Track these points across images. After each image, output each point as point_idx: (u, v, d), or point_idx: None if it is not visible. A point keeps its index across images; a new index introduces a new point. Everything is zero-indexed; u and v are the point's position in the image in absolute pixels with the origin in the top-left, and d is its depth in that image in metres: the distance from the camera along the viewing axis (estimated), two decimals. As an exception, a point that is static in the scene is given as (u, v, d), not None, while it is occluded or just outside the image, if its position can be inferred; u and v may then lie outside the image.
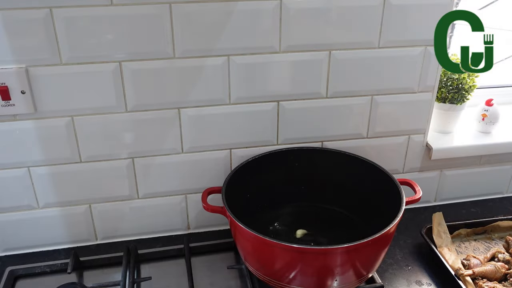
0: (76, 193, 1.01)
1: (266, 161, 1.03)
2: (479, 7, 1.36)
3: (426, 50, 1.02)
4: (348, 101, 1.05)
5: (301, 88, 1.01)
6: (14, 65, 0.86)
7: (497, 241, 1.08)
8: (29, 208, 1.01)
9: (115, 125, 0.96)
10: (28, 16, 0.83)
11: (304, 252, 0.81)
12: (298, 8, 0.92)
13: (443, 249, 1.00)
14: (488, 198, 1.26)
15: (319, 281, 0.84)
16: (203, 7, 0.89)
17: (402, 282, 0.97)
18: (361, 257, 0.83)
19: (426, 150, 1.16)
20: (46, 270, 0.99)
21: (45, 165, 0.96)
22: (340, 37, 0.97)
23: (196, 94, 0.96)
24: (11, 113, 0.90)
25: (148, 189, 1.05)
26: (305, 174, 1.07)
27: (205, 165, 1.05)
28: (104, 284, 0.94)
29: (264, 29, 0.93)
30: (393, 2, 0.96)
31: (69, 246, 1.07)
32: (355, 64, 1.01)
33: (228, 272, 0.98)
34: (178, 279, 0.96)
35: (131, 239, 1.09)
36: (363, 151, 1.08)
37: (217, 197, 0.94)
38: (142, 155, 1.00)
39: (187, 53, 0.92)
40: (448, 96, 1.13)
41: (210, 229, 1.13)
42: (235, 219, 0.84)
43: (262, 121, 1.03)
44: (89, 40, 0.87)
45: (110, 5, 0.85)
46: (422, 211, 1.20)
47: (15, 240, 1.04)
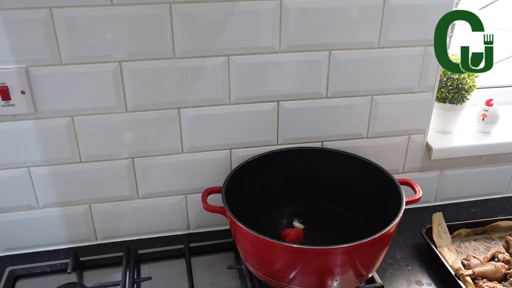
0: (76, 193, 1.01)
1: (266, 161, 1.03)
2: (479, 7, 1.36)
3: (426, 50, 1.02)
4: (348, 101, 1.05)
5: (301, 88, 1.01)
6: (14, 65, 0.86)
7: (497, 241, 1.08)
8: (29, 208, 1.01)
9: (115, 125, 0.96)
10: (28, 16, 0.83)
11: (304, 252, 0.81)
12: (298, 8, 0.92)
13: (443, 249, 1.00)
14: (488, 198, 1.26)
15: (319, 281, 0.84)
16: (203, 7, 0.89)
17: (402, 282, 0.97)
18: (361, 257, 0.83)
19: (426, 150, 1.16)
20: (46, 270, 0.99)
21: (45, 165, 0.97)
22: (340, 37, 0.97)
23: (196, 94, 0.96)
24: (11, 113, 0.90)
25: (148, 189, 1.05)
26: (305, 174, 1.07)
27: (205, 165, 1.05)
28: (104, 284, 0.94)
29: (264, 29, 0.93)
30: (393, 2, 0.96)
31: (69, 246, 1.07)
32: (355, 64, 1.01)
33: (228, 272, 0.98)
34: (178, 279, 0.96)
35: (131, 239, 1.09)
36: (363, 151, 1.08)
37: (217, 197, 0.94)
38: (142, 155, 1.00)
39: (187, 53, 0.92)
40: (448, 96, 1.13)
41: (210, 229, 1.13)
42: (235, 219, 0.84)
43: (262, 121, 1.03)
44: (89, 40, 0.87)
45: (110, 5, 0.85)
46: (422, 211, 1.20)
47: (15, 240, 1.04)
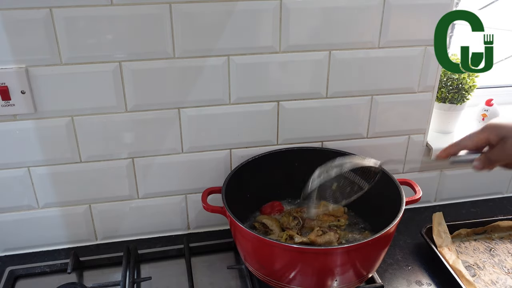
0: (76, 193, 1.01)
1: (266, 161, 1.03)
2: (479, 7, 1.36)
3: (426, 50, 1.02)
4: (348, 101, 1.05)
5: (301, 88, 1.01)
6: (14, 65, 0.86)
7: (497, 241, 1.08)
8: (29, 208, 1.01)
9: (115, 125, 0.96)
10: (28, 16, 0.83)
11: (304, 252, 0.81)
12: (298, 8, 0.92)
13: (443, 249, 1.00)
14: (488, 198, 1.26)
15: (319, 281, 0.84)
16: (203, 7, 0.89)
17: (402, 282, 0.97)
18: (361, 257, 0.83)
19: (426, 150, 1.16)
20: (46, 270, 0.99)
21: (45, 165, 0.97)
22: (340, 37, 0.97)
23: (196, 94, 0.96)
24: (11, 113, 0.90)
25: (148, 189, 1.05)
26: (305, 174, 1.07)
27: (205, 165, 1.05)
28: (104, 284, 0.94)
29: (264, 29, 0.93)
30: (393, 2, 0.96)
31: (69, 246, 1.07)
32: (355, 64, 1.01)
33: (228, 272, 0.98)
34: (178, 279, 0.96)
35: (131, 239, 1.09)
36: (363, 151, 1.08)
37: (217, 197, 0.94)
38: (142, 155, 1.00)
39: (187, 53, 0.92)
40: (448, 96, 1.13)
41: (210, 229, 1.13)
42: (235, 219, 0.84)
43: (262, 121, 1.03)
44: (89, 40, 0.87)
45: (110, 5, 0.85)
46: (422, 211, 1.20)
47: (15, 240, 1.04)
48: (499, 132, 0.74)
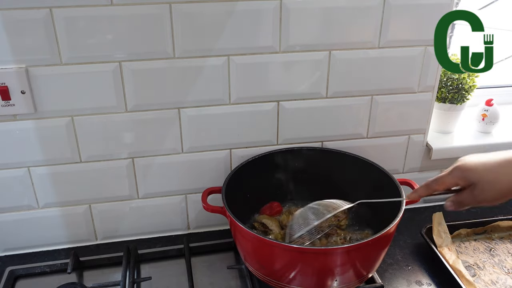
0: (76, 193, 1.01)
1: (266, 161, 1.03)
2: (479, 7, 1.36)
3: (426, 50, 1.02)
4: (348, 101, 1.05)
5: (301, 88, 1.01)
6: (14, 65, 0.86)
7: (497, 241, 1.08)
8: (29, 208, 1.01)
9: (115, 125, 0.96)
10: (28, 16, 0.83)
11: (304, 252, 0.81)
12: (298, 8, 0.92)
13: (443, 249, 1.00)
14: (488, 198, 1.26)
15: (319, 281, 0.84)
16: (203, 7, 0.89)
17: (402, 282, 0.97)
18: (361, 257, 0.83)
19: (426, 150, 1.16)
20: (46, 270, 0.99)
21: (45, 165, 0.97)
22: (340, 37, 0.97)
23: (196, 94, 0.96)
24: (11, 113, 0.90)
25: (148, 189, 1.05)
26: (305, 174, 1.07)
27: (205, 165, 1.05)
28: (104, 284, 0.94)
29: (264, 29, 0.93)
30: (393, 2, 0.96)
31: (69, 246, 1.07)
32: (355, 64, 1.01)
33: (228, 272, 0.98)
34: (178, 279, 0.96)
35: (131, 239, 1.09)
36: (363, 151, 1.08)
37: (217, 197, 0.94)
38: (142, 155, 1.00)
39: (187, 53, 0.92)
40: (448, 96, 1.13)
41: (210, 229, 1.13)
42: (235, 219, 0.84)
43: (262, 121, 1.03)
44: (89, 40, 0.87)
45: (110, 5, 0.85)
46: (422, 211, 1.20)
47: (15, 240, 1.04)
48: (467, 177, 0.73)
